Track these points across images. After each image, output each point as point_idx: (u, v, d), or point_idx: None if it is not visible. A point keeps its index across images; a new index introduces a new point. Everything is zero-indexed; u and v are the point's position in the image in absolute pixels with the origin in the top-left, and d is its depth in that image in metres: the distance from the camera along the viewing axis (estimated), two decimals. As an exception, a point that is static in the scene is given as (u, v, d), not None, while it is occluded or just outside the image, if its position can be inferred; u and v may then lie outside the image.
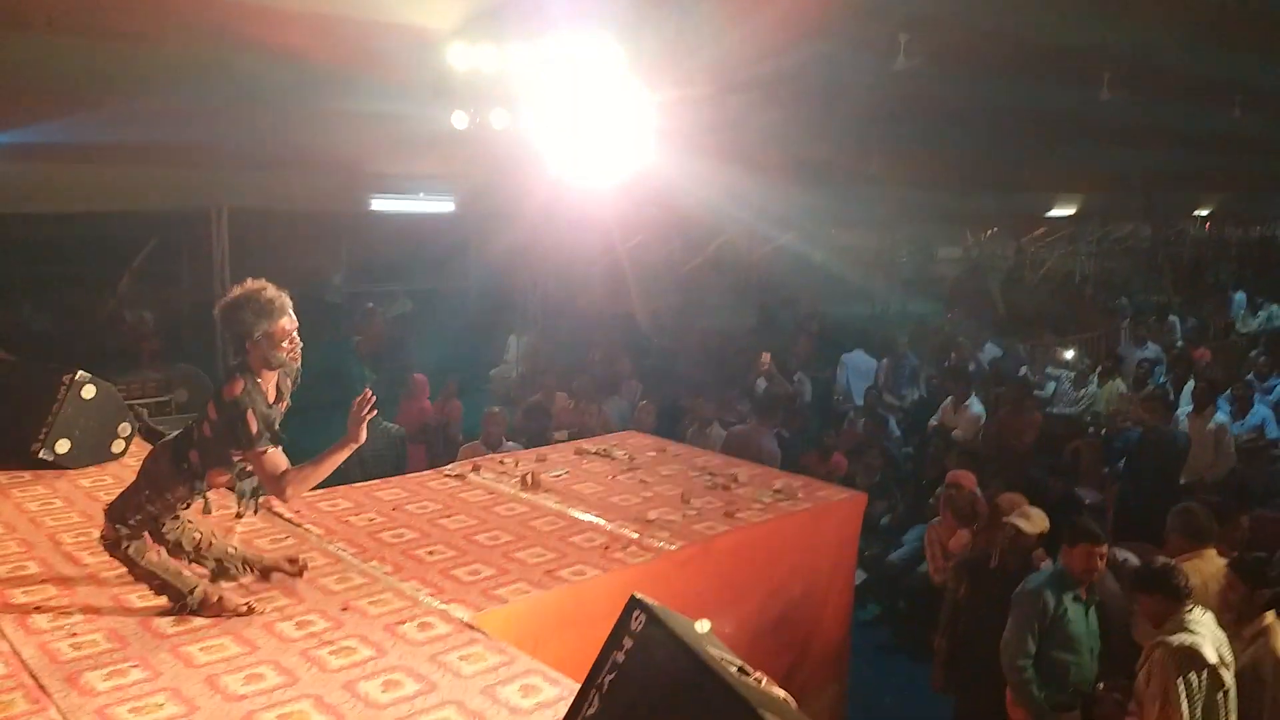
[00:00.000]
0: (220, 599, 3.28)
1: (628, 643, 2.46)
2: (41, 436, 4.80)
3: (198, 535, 3.38)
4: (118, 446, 5.09)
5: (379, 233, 13.03)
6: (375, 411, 3.13)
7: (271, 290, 3.09)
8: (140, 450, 5.30)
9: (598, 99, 8.79)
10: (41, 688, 2.82)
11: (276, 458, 3.07)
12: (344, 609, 3.42)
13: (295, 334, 3.12)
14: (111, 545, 3.26)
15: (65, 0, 7.60)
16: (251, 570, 3.49)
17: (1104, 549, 4.28)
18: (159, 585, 3.26)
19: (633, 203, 10.68)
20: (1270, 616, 3.92)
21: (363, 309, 11.80)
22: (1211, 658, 3.55)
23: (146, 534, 3.27)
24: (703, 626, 3.73)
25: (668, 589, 3.80)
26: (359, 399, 3.10)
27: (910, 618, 6.67)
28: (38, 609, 3.32)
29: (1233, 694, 3.63)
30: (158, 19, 7.94)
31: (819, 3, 8.29)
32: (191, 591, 3.24)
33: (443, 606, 3.48)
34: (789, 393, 9.35)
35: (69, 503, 4.46)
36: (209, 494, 3.34)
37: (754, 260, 15.95)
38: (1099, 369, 10.62)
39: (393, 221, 12.72)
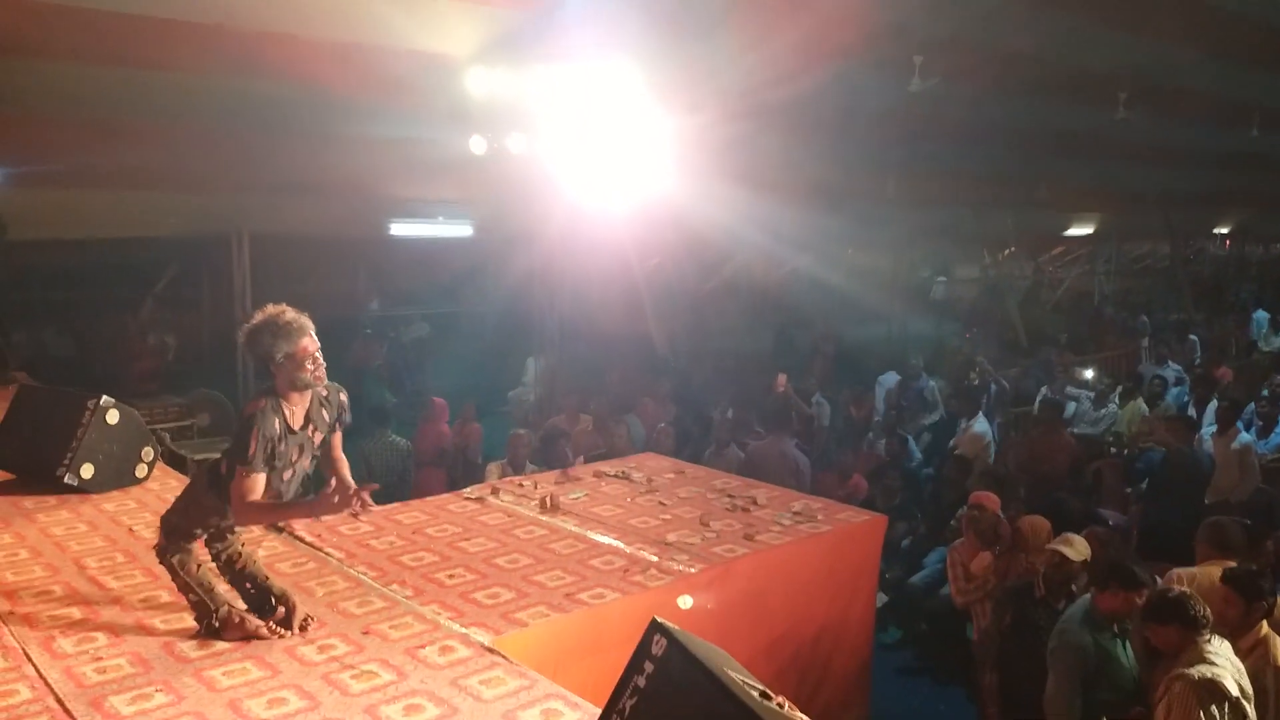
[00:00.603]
0: (242, 620, 3.30)
1: (649, 667, 2.45)
2: (66, 461, 4.85)
3: (240, 556, 3.42)
4: (141, 471, 5.14)
5: (398, 257, 13.12)
6: (364, 508, 3.05)
7: (291, 313, 3.14)
8: (163, 474, 5.36)
9: (614, 123, 8.85)
10: (67, 712, 2.83)
11: (254, 483, 3.08)
12: (365, 633, 3.43)
13: (318, 355, 3.15)
14: (160, 553, 3.33)
15: (89, 30, 7.72)
16: (279, 604, 3.44)
17: (1143, 594, 4.06)
18: (193, 600, 3.31)
19: (649, 226, 10.72)
20: (1266, 627, 3.89)
21: (361, 335, 11.86)
22: (1233, 690, 3.48)
23: (194, 546, 3.32)
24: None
25: (688, 612, 3.80)
26: (355, 494, 3.01)
27: (932, 641, 6.61)
28: (62, 633, 3.35)
29: None
30: (180, 47, 8.06)
31: (835, 26, 8.33)
32: (217, 610, 3.28)
33: (463, 630, 3.48)
34: (806, 414, 9.33)
35: (93, 527, 4.50)
36: None
37: (770, 282, 15.96)
38: (1120, 389, 10.54)
39: (411, 246, 12.81)
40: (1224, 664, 3.57)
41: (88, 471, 4.90)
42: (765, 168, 10.43)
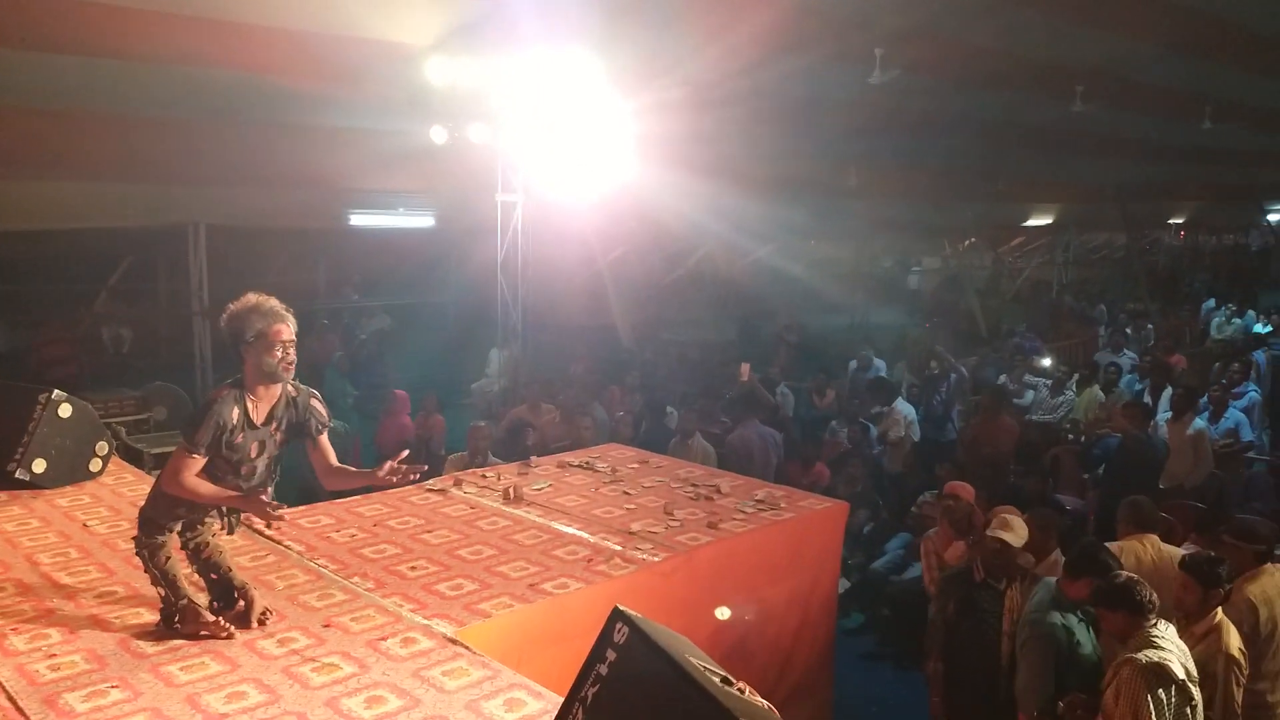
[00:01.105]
0: (200, 615, 3.26)
1: (611, 655, 2.46)
2: (17, 456, 4.75)
3: (208, 545, 3.38)
4: (95, 465, 5.05)
5: (358, 248, 12.99)
6: (282, 519, 3.16)
7: (275, 301, 3.19)
8: (118, 469, 5.27)
9: (576, 113, 8.83)
10: (20, 710, 2.78)
11: (192, 464, 3.08)
12: (326, 626, 3.40)
13: (290, 346, 3.15)
14: (136, 545, 3.30)
15: (41, 16, 7.56)
16: (240, 597, 3.42)
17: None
18: (160, 591, 3.29)
19: (613, 217, 10.72)
20: (1220, 614, 3.97)
21: (317, 327, 11.72)
22: (1180, 673, 3.56)
23: (165, 538, 3.28)
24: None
25: (651, 600, 3.81)
26: (273, 509, 3.07)
27: (894, 626, 6.69)
28: (14, 630, 3.28)
29: (1200, 708, 3.65)
30: (135, 35, 7.92)
31: (796, 17, 8.37)
32: (177, 602, 3.26)
33: (425, 622, 3.46)
34: (770, 403, 9.38)
35: (46, 522, 4.41)
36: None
37: (733, 273, 16.02)
38: (1077, 376, 10.71)
39: (372, 236, 12.68)
40: (1170, 648, 3.63)
41: (39, 466, 4.80)
42: (728, 159, 10.47)
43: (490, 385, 11.30)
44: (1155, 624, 3.69)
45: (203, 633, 3.24)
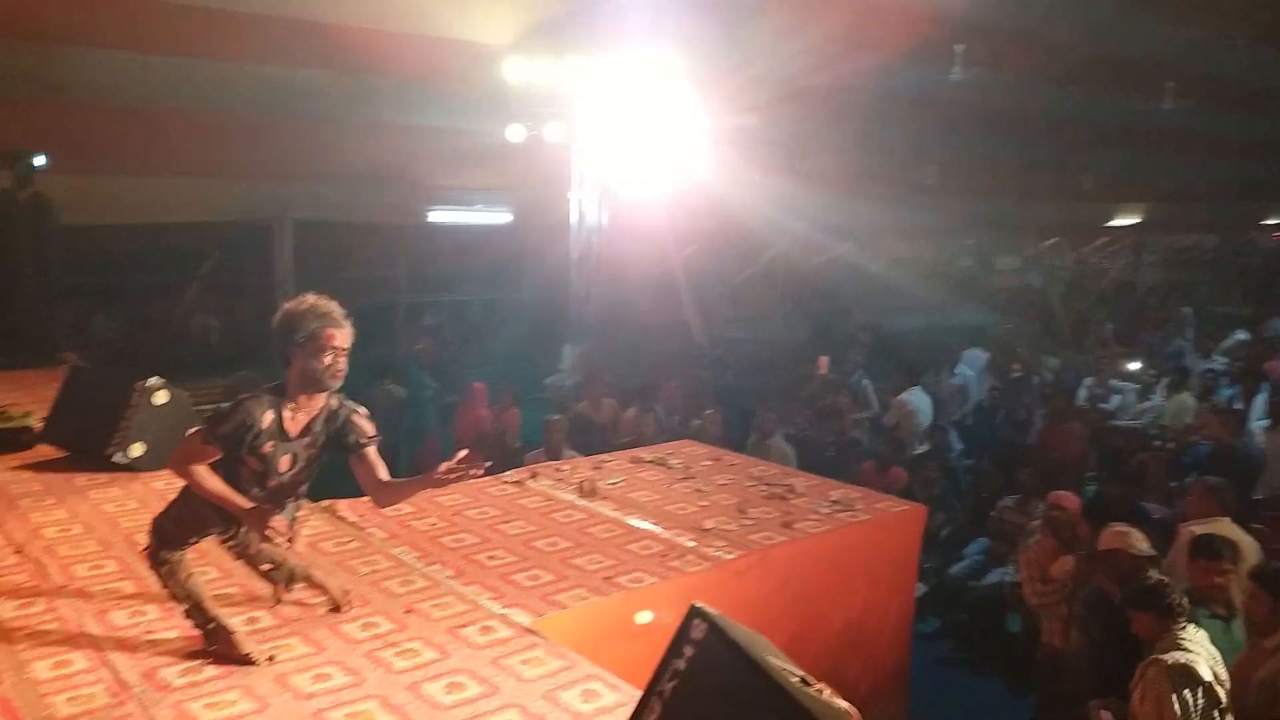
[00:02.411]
0: (231, 639, 3.06)
1: (688, 651, 2.46)
2: (117, 440, 4.95)
3: (247, 541, 3.25)
4: (188, 451, 5.23)
5: (437, 244, 13.22)
6: (290, 541, 3.03)
7: (334, 304, 2.97)
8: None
9: (652, 111, 8.85)
10: (121, 682, 2.91)
11: (202, 453, 2.88)
12: (407, 611, 3.48)
13: (342, 353, 2.93)
14: (150, 558, 3.12)
15: (138, 19, 7.86)
16: (299, 581, 3.40)
17: (1226, 568, 4.13)
18: (186, 609, 3.12)
19: (686, 213, 10.72)
20: None
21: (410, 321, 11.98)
22: (1206, 675, 3.53)
23: (184, 554, 3.10)
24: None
25: (725, 598, 3.80)
26: (278, 532, 2.92)
27: (971, 631, 6.57)
28: (116, 605, 3.43)
29: (1229, 710, 3.58)
30: (225, 36, 8.19)
31: (876, 13, 8.26)
32: (206, 626, 3.08)
33: (503, 611, 3.52)
34: (840, 404, 9.26)
35: (143, 504, 4.59)
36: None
37: (808, 271, 15.88)
38: (1166, 381, 10.37)
39: (451, 232, 12.91)
40: (1198, 650, 3.62)
41: (137, 450, 5.00)
42: (804, 155, 10.39)
43: (564, 380, 11.40)
44: (1184, 627, 3.69)
45: (235, 656, 3.04)
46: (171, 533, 3.07)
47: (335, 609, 3.38)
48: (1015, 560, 6.34)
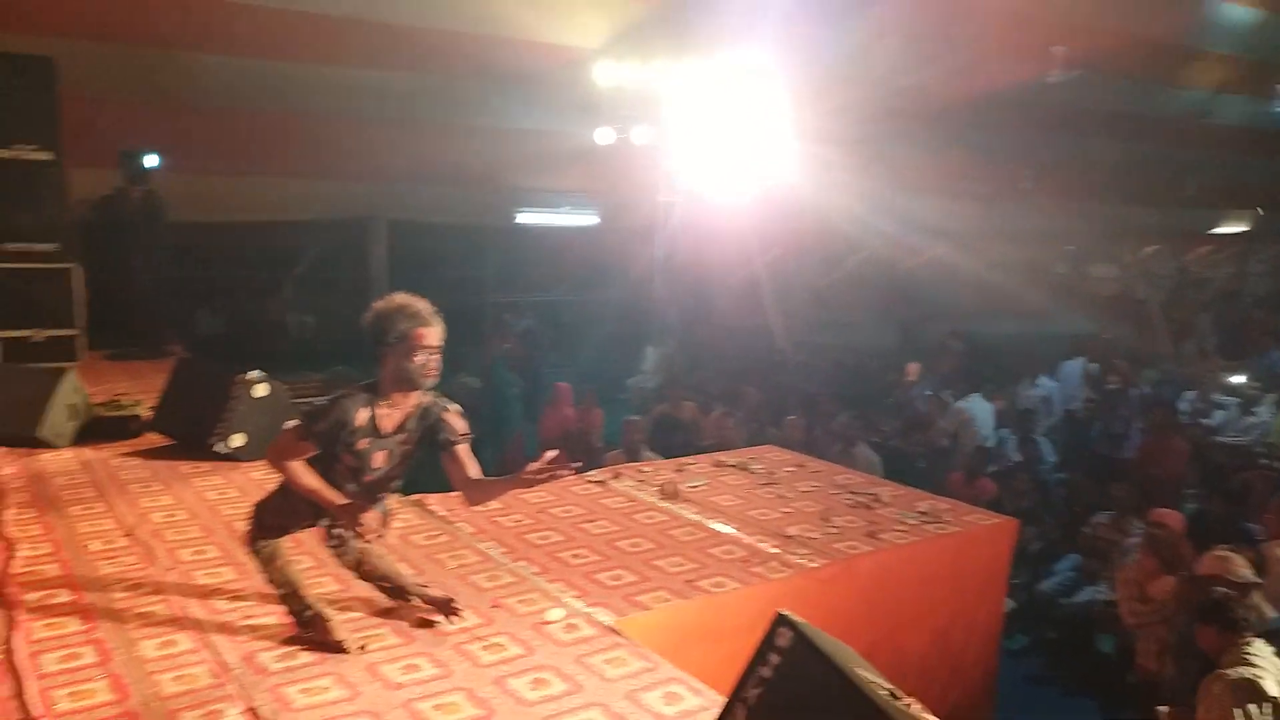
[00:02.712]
0: (327, 628, 3.13)
1: (774, 659, 2.45)
2: (219, 430, 5.15)
3: (362, 553, 3.30)
4: (286, 442, 5.41)
5: (524, 244, 13.42)
6: (380, 534, 3.07)
7: (423, 303, 2.99)
8: (306, 447, 5.63)
9: (740, 114, 8.82)
10: (224, 666, 3.02)
11: (297, 449, 2.95)
12: (494, 606, 3.54)
13: (436, 353, 2.95)
14: (248, 543, 3.19)
15: (244, 24, 8.15)
16: (404, 598, 3.39)
17: None
18: (280, 595, 3.20)
19: (772, 216, 10.65)
20: None
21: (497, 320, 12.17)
22: (1272, 690, 3.44)
23: (282, 541, 3.17)
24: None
25: (808, 607, 3.75)
26: (368, 531, 2.97)
27: (1061, 649, 6.39)
28: (217, 592, 3.57)
29: None
30: (324, 40, 8.44)
31: (972, 14, 8.09)
32: (301, 613, 3.15)
33: (587, 609, 3.55)
34: (929, 412, 9.09)
35: (243, 493, 4.77)
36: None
37: (897, 275, 15.61)
38: (1274, 397, 9.91)
39: (538, 234, 13.08)
40: (1266, 665, 3.55)
41: (238, 441, 5.20)
42: (894, 157, 10.22)
43: (646, 381, 11.45)
44: (1250, 642, 3.62)
45: (329, 643, 3.11)
46: (269, 522, 3.15)
47: (446, 615, 3.35)
48: (1109, 578, 6.16)
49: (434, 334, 2.95)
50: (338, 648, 3.11)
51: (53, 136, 7.69)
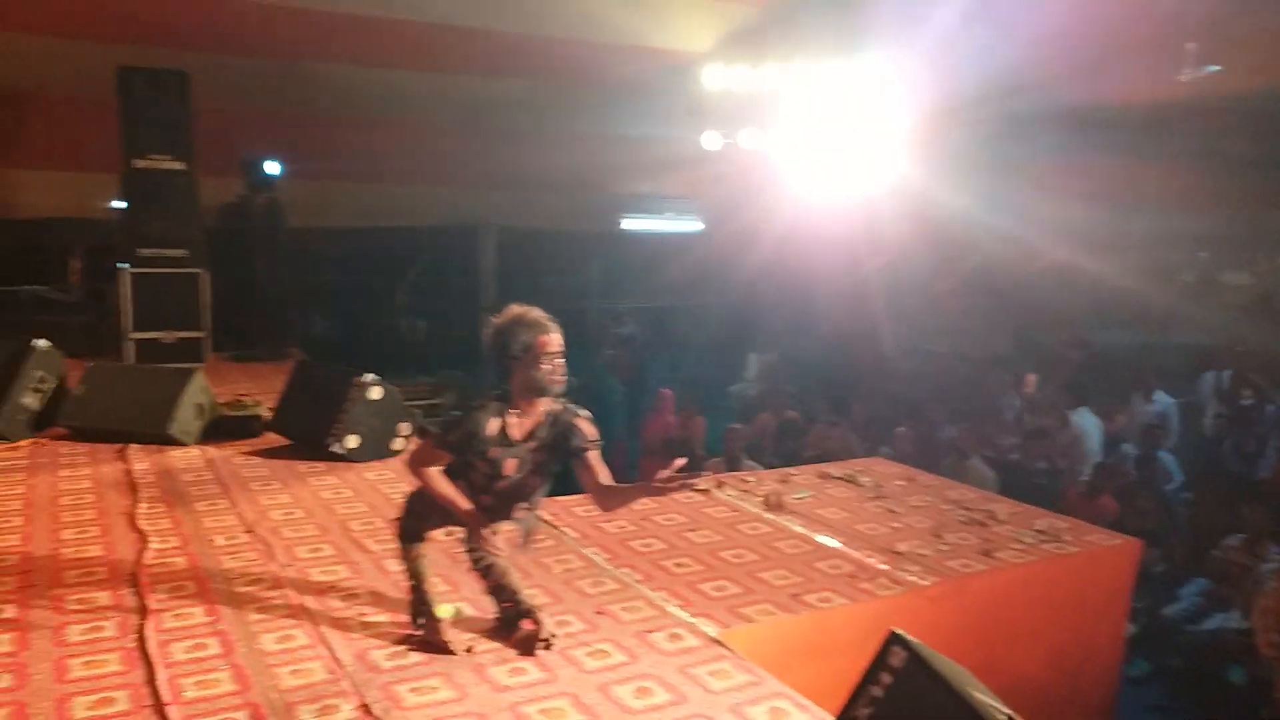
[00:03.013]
0: (438, 632, 3.20)
1: (886, 679, 2.39)
2: (335, 432, 5.32)
3: (494, 566, 3.26)
4: (398, 444, 5.57)
5: (629, 250, 13.49)
6: (504, 550, 3.16)
7: (538, 311, 3.07)
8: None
9: (850, 116, 8.67)
10: (336, 660, 3.11)
11: (431, 457, 3.07)
12: (598, 612, 3.55)
13: (560, 356, 3.03)
14: (396, 535, 3.31)
15: (362, 35, 8.41)
16: (531, 623, 3.29)
17: None
18: (408, 589, 3.28)
19: (883, 220, 10.43)
20: None
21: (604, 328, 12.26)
22: None
23: (425, 537, 3.26)
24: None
25: (919, 626, 3.64)
26: (489, 544, 3.08)
27: (1186, 679, 6.05)
28: (331, 588, 3.68)
29: None
30: (439, 49, 8.65)
31: (1093, 14, 7.76)
32: (419, 613, 3.25)
33: (691, 620, 3.52)
34: (1048, 426, 8.74)
35: (357, 493, 4.92)
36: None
37: (1013, 281, 15.09)
38: None
39: (642, 239, 13.13)
40: None
41: (353, 442, 5.36)
42: (1012, 157, 9.89)
43: (747, 389, 11.37)
44: None
45: (436, 643, 3.18)
46: (415, 520, 3.27)
47: (528, 652, 3.24)
48: (1242, 604, 5.82)
49: (556, 340, 3.03)
50: (444, 648, 3.17)
51: (186, 147, 8.11)
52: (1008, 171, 9.59)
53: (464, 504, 3.09)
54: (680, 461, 2.94)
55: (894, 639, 2.45)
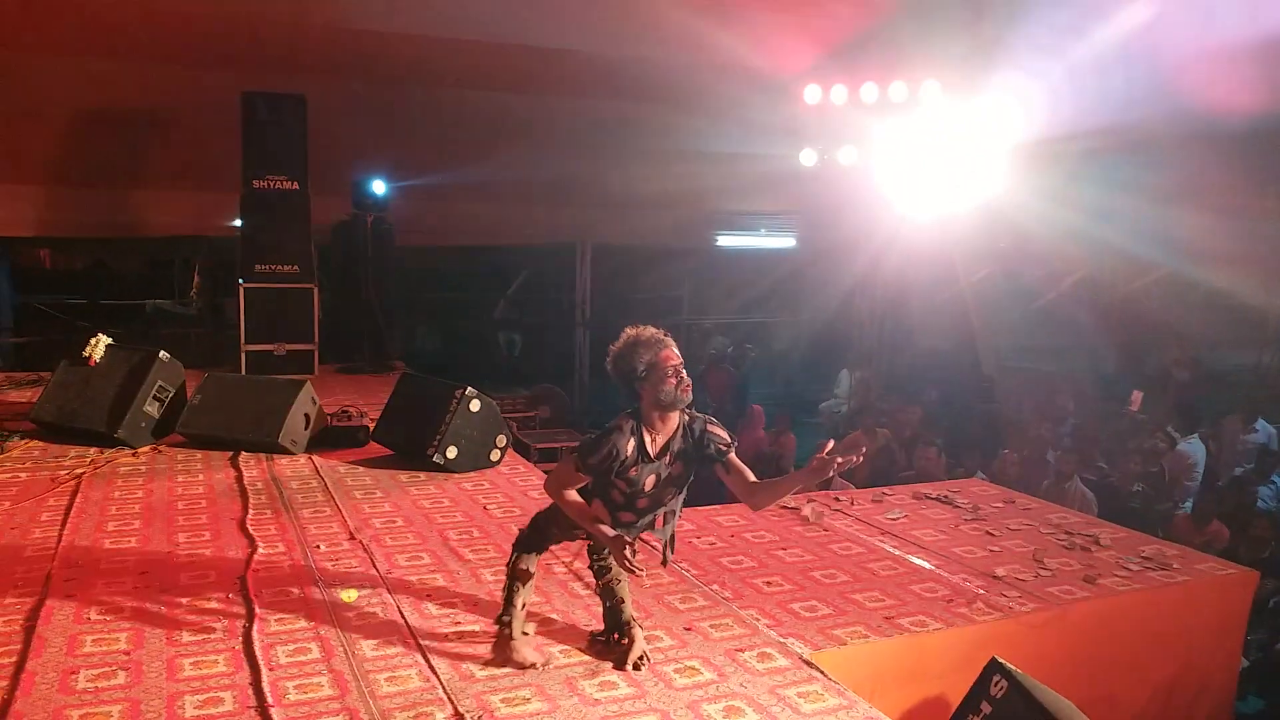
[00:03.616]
0: (511, 644, 3.23)
1: (986, 708, 2.35)
2: (435, 442, 5.48)
3: (609, 571, 3.35)
4: (495, 455, 5.71)
5: (722, 266, 13.51)
6: (639, 574, 3.06)
7: (651, 329, 3.10)
8: (513, 460, 5.91)
9: (952, 133, 8.52)
10: (420, 649, 3.21)
11: (573, 479, 3.05)
12: (687, 629, 3.56)
13: (682, 369, 3.04)
14: (514, 544, 3.38)
15: (471, 60, 8.63)
16: (624, 637, 3.34)
17: None
18: (503, 592, 3.33)
19: (982, 234, 10.19)
20: None
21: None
22: None
23: (538, 549, 3.32)
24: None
25: (1018, 653, 3.56)
26: (631, 563, 2.97)
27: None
28: (429, 597, 3.78)
29: None
30: (543, 73, 8.83)
31: (1217, 29, 7.45)
32: (501, 617, 3.27)
33: (781, 640, 3.51)
34: (1156, 447, 8.38)
35: (455, 503, 5.05)
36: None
37: (1119, 297, 14.53)
38: None
39: (735, 255, 13.12)
40: None
41: (452, 453, 5.51)
42: (1123, 172, 9.54)
43: (838, 406, 11.22)
44: None
45: (512, 661, 3.22)
46: (539, 528, 3.33)
47: (621, 665, 3.28)
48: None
49: (675, 352, 3.06)
50: (518, 663, 3.20)
51: (301, 168, 8.48)
52: (1119, 185, 9.25)
53: (607, 530, 3.06)
54: (829, 444, 2.91)
55: (994, 667, 2.42)
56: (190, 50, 8.03)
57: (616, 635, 3.35)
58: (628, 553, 2.97)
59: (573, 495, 3.10)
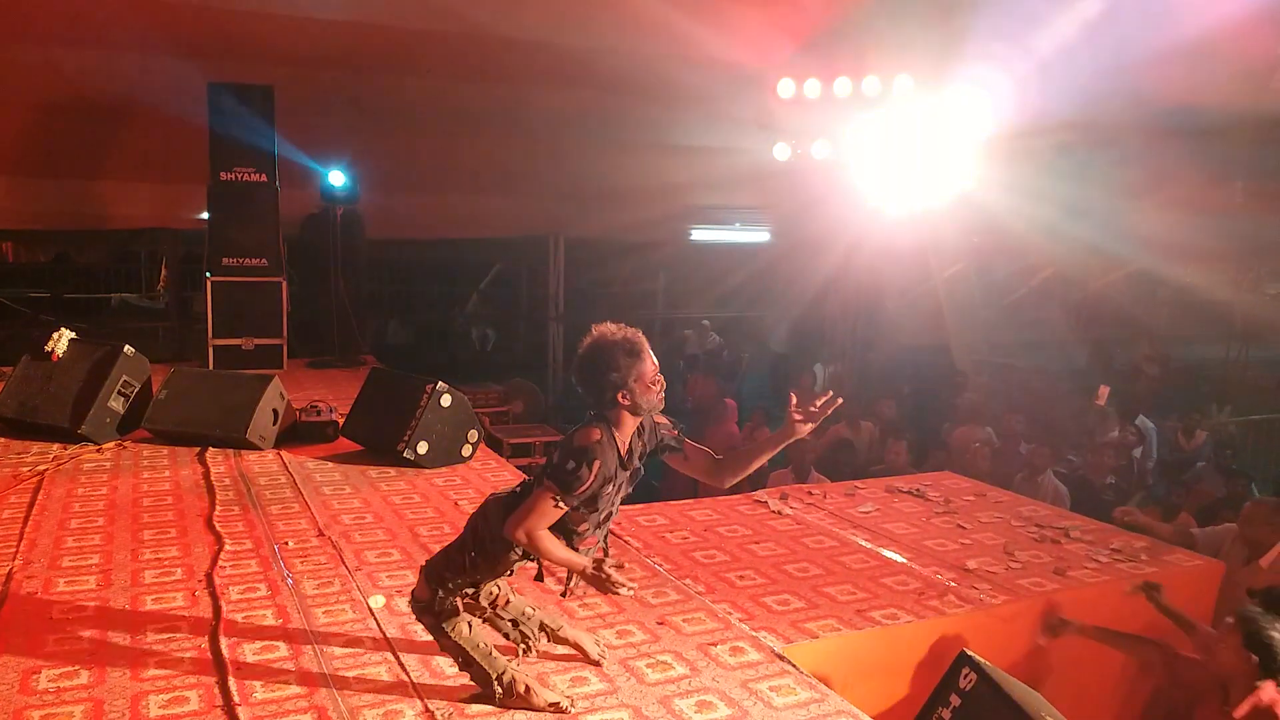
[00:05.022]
0: (528, 689, 2.90)
1: (955, 700, 2.35)
2: (406, 437, 5.42)
3: (495, 590, 3.04)
4: (466, 450, 5.66)
5: (695, 260, 13.50)
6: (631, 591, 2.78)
7: (629, 330, 2.77)
8: (484, 455, 5.85)
9: (925, 127, 8.55)
10: (392, 648, 3.17)
11: (555, 511, 2.68)
12: (660, 623, 3.55)
13: (659, 374, 2.78)
14: (422, 609, 2.95)
15: (441, 51, 8.55)
16: (550, 637, 3.18)
17: None
18: (464, 662, 2.92)
19: (954, 229, 10.25)
20: None
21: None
22: None
23: (461, 602, 2.94)
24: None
25: (988, 645, 3.59)
26: (618, 585, 2.72)
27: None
28: (399, 592, 3.74)
29: None
30: (513, 64, 8.76)
31: (1185, 25, 7.51)
32: (499, 677, 2.89)
33: (754, 633, 3.50)
34: (1124, 441, 8.49)
35: (425, 498, 5.00)
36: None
37: (1089, 293, 14.68)
38: None
39: (708, 250, 13.12)
40: None
41: (423, 448, 5.46)
42: (1092, 167, 9.63)
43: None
44: None
45: (534, 708, 2.90)
46: (449, 575, 2.91)
47: (594, 664, 3.20)
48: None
49: (653, 357, 2.77)
50: (546, 708, 2.91)
51: (270, 160, 8.37)
52: (1089, 180, 9.33)
53: (585, 563, 2.75)
54: (794, 399, 2.79)
55: (964, 659, 2.42)
56: (156, 40, 7.90)
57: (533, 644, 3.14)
58: (613, 575, 2.70)
59: (548, 537, 2.71)
